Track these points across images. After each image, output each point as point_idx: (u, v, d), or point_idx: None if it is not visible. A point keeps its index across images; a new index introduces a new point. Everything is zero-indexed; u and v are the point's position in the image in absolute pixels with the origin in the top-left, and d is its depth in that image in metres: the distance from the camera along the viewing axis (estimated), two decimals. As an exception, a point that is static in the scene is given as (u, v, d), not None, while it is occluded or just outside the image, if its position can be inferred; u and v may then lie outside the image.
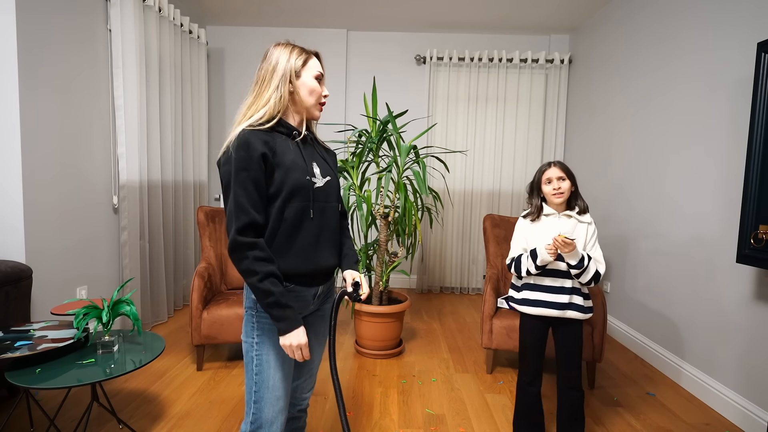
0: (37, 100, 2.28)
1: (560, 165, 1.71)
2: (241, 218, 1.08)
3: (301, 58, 1.18)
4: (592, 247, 1.70)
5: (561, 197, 1.69)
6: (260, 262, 1.08)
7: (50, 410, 2.01)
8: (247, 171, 1.08)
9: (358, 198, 2.61)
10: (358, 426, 2.00)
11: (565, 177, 1.69)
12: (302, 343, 1.11)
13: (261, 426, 1.17)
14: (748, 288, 2.08)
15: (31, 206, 2.26)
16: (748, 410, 2.04)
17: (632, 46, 3.13)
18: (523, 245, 1.78)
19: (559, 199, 1.69)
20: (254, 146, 1.09)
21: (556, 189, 1.68)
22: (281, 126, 1.18)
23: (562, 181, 1.69)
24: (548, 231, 1.70)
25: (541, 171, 1.74)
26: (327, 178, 1.23)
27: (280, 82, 1.16)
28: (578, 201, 1.73)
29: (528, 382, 1.80)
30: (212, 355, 2.72)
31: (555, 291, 1.69)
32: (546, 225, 1.72)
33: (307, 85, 1.19)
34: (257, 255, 1.08)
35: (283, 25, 4.23)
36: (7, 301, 1.94)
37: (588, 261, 1.64)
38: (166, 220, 3.35)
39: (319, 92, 1.21)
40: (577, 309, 1.70)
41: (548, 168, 1.72)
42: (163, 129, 3.26)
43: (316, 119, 1.28)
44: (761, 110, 1.79)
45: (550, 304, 1.70)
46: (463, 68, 4.24)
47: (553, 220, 1.71)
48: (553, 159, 4.28)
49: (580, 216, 1.71)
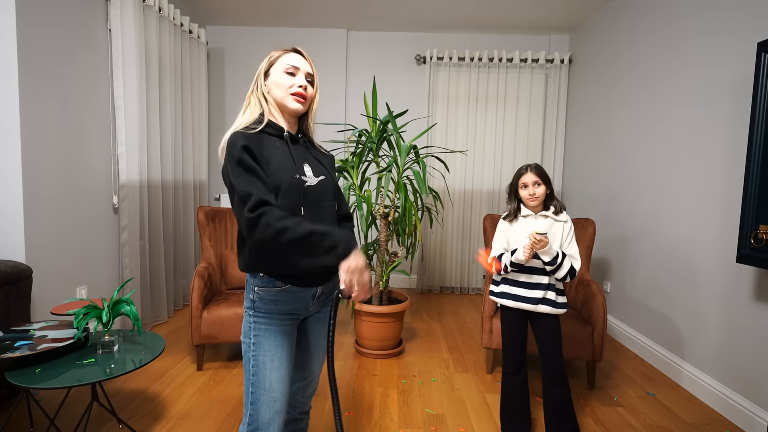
0: (37, 100, 2.28)
1: (536, 170, 1.79)
2: (248, 201, 1.05)
3: (271, 59, 1.22)
4: (569, 245, 1.80)
5: (535, 201, 1.79)
6: (281, 220, 1.03)
7: (50, 410, 2.01)
8: (241, 164, 1.09)
9: (358, 198, 2.61)
10: (358, 426, 2.00)
11: (540, 182, 1.78)
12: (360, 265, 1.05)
13: (258, 428, 1.16)
14: (748, 288, 2.08)
15: (31, 206, 2.26)
16: (749, 410, 2.04)
17: (632, 46, 3.13)
18: (503, 245, 1.90)
19: (533, 203, 1.80)
20: (240, 141, 1.11)
21: (531, 194, 1.79)
22: (269, 127, 1.20)
23: (537, 186, 1.78)
24: (526, 231, 1.80)
25: (518, 175, 1.83)
26: (321, 177, 1.23)
27: (255, 84, 1.23)
28: (554, 201, 1.83)
29: (512, 372, 1.87)
30: (212, 355, 2.72)
31: (530, 287, 1.80)
32: (524, 225, 1.83)
33: (275, 80, 1.21)
34: (275, 215, 1.03)
35: (283, 25, 4.23)
36: (7, 301, 1.94)
37: (562, 258, 1.73)
38: (166, 220, 3.35)
39: (286, 85, 1.20)
40: (549, 304, 1.79)
41: (525, 173, 1.81)
42: (163, 129, 3.26)
43: (295, 113, 1.23)
44: (761, 110, 1.79)
45: (525, 298, 1.81)
46: (463, 68, 4.24)
47: (531, 220, 1.82)
48: (552, 159, 4.29)
49: (556, 216, 1.80)
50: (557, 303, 1.80)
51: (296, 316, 1.23)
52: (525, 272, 1.81)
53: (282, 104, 1.22)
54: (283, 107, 1.22)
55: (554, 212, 1.81)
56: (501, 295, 1.88)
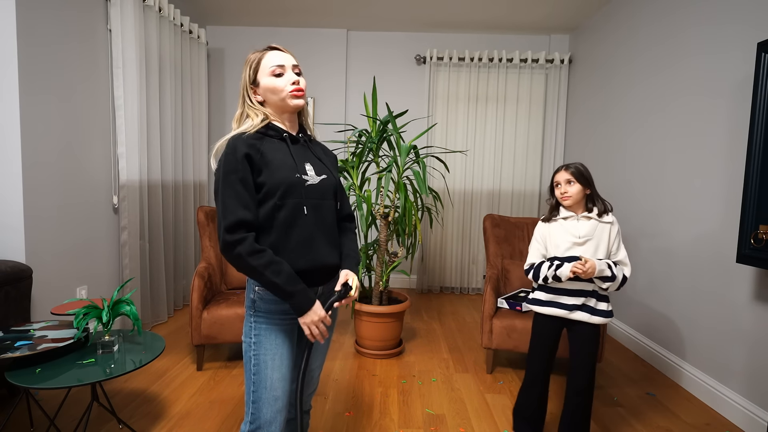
0: (37, 100, 2.28)
1: (570, 168, 1.71)
2: (228, 218, 1.09)
3: (252, 66, 1.20)
4: (617, 249, 1.70)
5: (569, 200, 1.70)
6: (253, 255, 1.08)
7: (50, 410, 2.01)
8: (234, 173, 1.11)
9: (358, 198, 2.61)
10: (358, 426, 2.00)
11: (573, 180, 1.69)
12: (321, 316, 1.13)
13: (260, 426, 1.17)
14: (749, 288, 2.08)
15: (31, 206, 2.26)
16: (749, 410, 2.04)
17: (632, 46, 3.13)
18: (541, 251, 1.79)
19: (566, 202, 1.71)
20: (239, 149, 1.11)
21: (563, 193, 1.71)
22: (270, 130, 1.20)
23: (569, 185, 1.70)
24: (565, 233, 1.71)
25: (554, 173, 1.77)
26: (322, 176, 1.23)
27: (245, 98, 1.22)
28: (597, 202, 1.72)
29: (528, 383, 1.80)
30: (212, 355, 2.72)
31: (571, 294, 1.69)
32: (563, 227, 1.73)
33: (267, 86, 1.19)
34: (247, 250, 1.08)
35: (283, 25, 4.23)
36: (7, 301, 1.94)
37: (614, 270, 1.63)
38: (166, 220, 3.35)
39: (281, 86, 1.18)
40: (588, 311, 1.68)
41: (558, 171, 1.74)
42: (163, 129, 3.25)
43: (295, 110, 1.23)
44: (761, 110, 1.79)
45: (560, 304, 1.71)
46: (463, 68, 4.24)
47: (572, 222, 1.72)
48: (553, 159, 4.29)
49: (600, 217, 1.70)
50: (597, 310, 1.68)
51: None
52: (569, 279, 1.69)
53: (282, 106, 1.21)
54: (284, 108, 1.22)
55: (597, 213, 1.70)
56: (534, 302, 1.78)
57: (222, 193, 1.11)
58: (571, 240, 1.69)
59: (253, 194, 1.13)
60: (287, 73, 1.20)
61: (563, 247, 1.70)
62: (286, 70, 1.20)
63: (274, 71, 1.18)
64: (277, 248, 1.15)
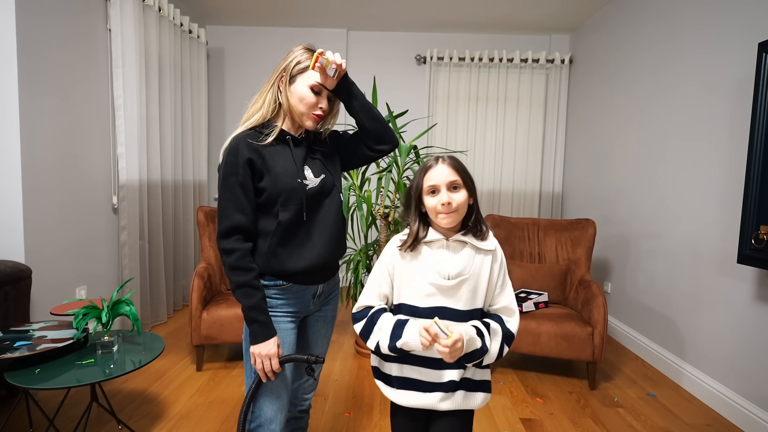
0: (36, 99, 2.28)
1: (452, 162, 1.07)
2: (223, 222, 1.11)
3: (302, 64, 1.17)
4: (501, 291, 1.10)
5: (451, 218, 1.05)
6: (235, 271, 1.11)
7: (50, 410, 2.01)
8: (235, 176, 1.12)
9: (358, 198, 2.60)
10: (358, 426, 1.99)
11: (459, 183, 1.05)
12: (270, 353, 1.12)
13: (260, 425, 1.18)
14: (749, 288, 2.08)
15: (30, 206, 2.26)
16: (749, 411, 2.04)
17: (633, 46, 3.13)
18: (383, 290, 1.12)
19: (447, 221, 1.05)
20: (242, 152, 1.12)
21: (445, 205, 1.03)
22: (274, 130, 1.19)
23: (454, 192, 1.05)
24: (429, 267, 1.06)
25: (423, 171, 1.08)
26: (321, 176, 1.23)
27: (276, 79, 1.18)
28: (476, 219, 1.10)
29: None
30: (212, 355, 2.72)
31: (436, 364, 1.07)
32: (427, 260, 1.07)
33: (298, 92, 1.17)
34: (233, 263, 1.10)
35: (283, 24, 4.22)
36: (6, 301, 1.94)
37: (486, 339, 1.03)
38: (166, 220, 3.35)
39: (312, 102, 1.16)
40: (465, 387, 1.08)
41: (434, 165, 1.07)
42: (163, 129, 3.25)
43: (305, 128, 1.23)
44: (762, 110, 1.78)
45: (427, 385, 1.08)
46: (463, 68, 4.24)
47: (440, 252, 1.07)
48: (553, 159, 4.27)
49: (479, 242, 1.08)
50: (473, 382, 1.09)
51: (297, 314, 1.24)
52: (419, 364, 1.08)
53: (299, 117, 1.19)
54: (298, 119, 1.20)
55: (475, 235, 1.08)
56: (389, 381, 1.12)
57: (221, 195, 1.13)
58: (436, 281, 1.05)
59: (251, 198, 1.14)
60: (323, 97, 1.19)
61: (421, 292, 1.07)
62: (324, 92, 1.19)
63: (315, 87, 1.16)
64: (275, 252, 1.16)
